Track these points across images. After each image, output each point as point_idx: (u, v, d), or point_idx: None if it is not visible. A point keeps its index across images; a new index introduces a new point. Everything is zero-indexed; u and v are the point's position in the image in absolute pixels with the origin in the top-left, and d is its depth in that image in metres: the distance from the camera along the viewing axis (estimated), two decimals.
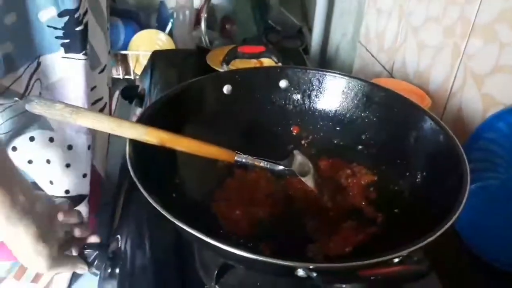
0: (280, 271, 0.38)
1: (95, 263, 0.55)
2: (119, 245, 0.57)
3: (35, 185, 0.65)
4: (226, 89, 0.64)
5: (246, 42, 1.33)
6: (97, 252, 0.55)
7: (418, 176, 0.54)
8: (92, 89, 0.68)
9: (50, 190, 0.66)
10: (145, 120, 0.52)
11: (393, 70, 0.97)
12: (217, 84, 0.63)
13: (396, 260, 0.36)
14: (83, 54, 0.62)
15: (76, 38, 0.60)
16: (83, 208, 0.71)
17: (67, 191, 0.68)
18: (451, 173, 0.48)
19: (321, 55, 1.26)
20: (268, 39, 1.34)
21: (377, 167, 0.59)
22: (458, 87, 0.74)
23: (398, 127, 0.59)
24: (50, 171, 0.65)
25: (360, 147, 0.62)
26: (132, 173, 0.43)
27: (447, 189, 0.47)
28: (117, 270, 0.55)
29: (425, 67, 0.83)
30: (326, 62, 1.27)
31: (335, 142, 0.64)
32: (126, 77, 1.36)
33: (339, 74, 0.64)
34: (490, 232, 0.58)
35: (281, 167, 0.51)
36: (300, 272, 0.36)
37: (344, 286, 0.31)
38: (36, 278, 0.73)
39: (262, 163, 0.51)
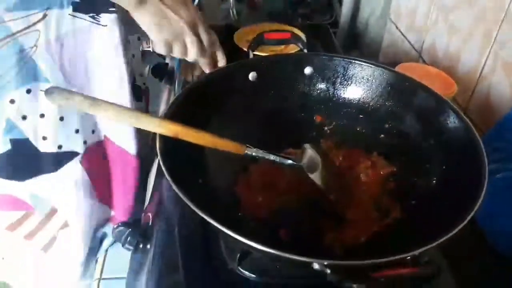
0: (296, 262, 0.41)
1: (128, 239, 0.60)
2: (150, 223, 0.61)
3: (27, 142, 0.65)
4: (252, 76, 0.65)
5: (272, 16, 1.32)
6: (130, 229, 0.60)
7: (438, 169, 0.55)
8: None
9: (43, 147, 0.66)
10: (174, 110, 0.55)
11: (422, 50, 0.95)
12: (243, 72, 0.65)
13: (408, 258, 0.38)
14: (90, 17, 0.62)
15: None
16: (74, 167, 0.70)
17: (59, 146, 0.67)
18: (471, 168, 0.49)
19: (350, 30, 1.24)
20: (297, 11, 1.33)
21: (397, 157, 0.60)
22: (487, 73, 0.72)
23: (421, 118, 0.60)
24: (43, 126, 0.65)
25: (382, 136, 0.63)
26: (162, 164, 0.46)
27: (465, 185, 0.48)
28: (148, 246, 0.59)
29: (455, 50, 0.82)
30: (355, 37, 1.25)
31: (358, 129, 0.65)
32: None
33: (365, 62, 0.64)
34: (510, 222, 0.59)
35: (289, 162, 0.53)
36: (316, 266, 0.39)
37: (354, 286, 0.34)
38: (30, 235, 0.73)
39: (271, 157, 0.52)
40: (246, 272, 0.50)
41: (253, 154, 0.52)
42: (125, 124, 0.48)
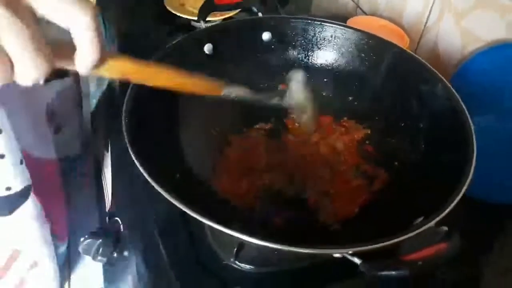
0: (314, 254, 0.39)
1: (99, 251, 0.53)
2: (121, 228, 0.55)
3: None
4: (207, 49, 0.59)
5: None
6: (100, 240, 0.53)
7: (415, 125, 0.55)
8: None
9: None
10: (132, 100, 0.48)
11: (359, 0, 0.94)
12: (196, 45, 0.58)
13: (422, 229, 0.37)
14: None
15: None
16: (29, 203, 0.59)
17: (8, 188, 0.55)
18: (450, 120, 0.49)
19: None
20: None
21: (369, 119, 0.59)
22: (434, 21, 0.73)
23: (390, 76, 0.59)
24: None
25: (350, 98, 0.62)
26: (137, 163, 0.40)
27: (450, 141, 0.48)
28: (126, 254, 0.54)
29: None
30: None
31: (324, 94, 0.63)
32: None
33: (326, 22, 0.61)
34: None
35: (275, 101, 0.47)
36: (336, 255, 0.37)
37: (393, 273, 0.32)
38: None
39: (252, 96, 0.47)
40: (245, 265, 0.47)
41: (232, 94, 0.46)
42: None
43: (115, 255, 0.54)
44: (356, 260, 0.34)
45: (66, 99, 0.66)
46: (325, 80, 0.63)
